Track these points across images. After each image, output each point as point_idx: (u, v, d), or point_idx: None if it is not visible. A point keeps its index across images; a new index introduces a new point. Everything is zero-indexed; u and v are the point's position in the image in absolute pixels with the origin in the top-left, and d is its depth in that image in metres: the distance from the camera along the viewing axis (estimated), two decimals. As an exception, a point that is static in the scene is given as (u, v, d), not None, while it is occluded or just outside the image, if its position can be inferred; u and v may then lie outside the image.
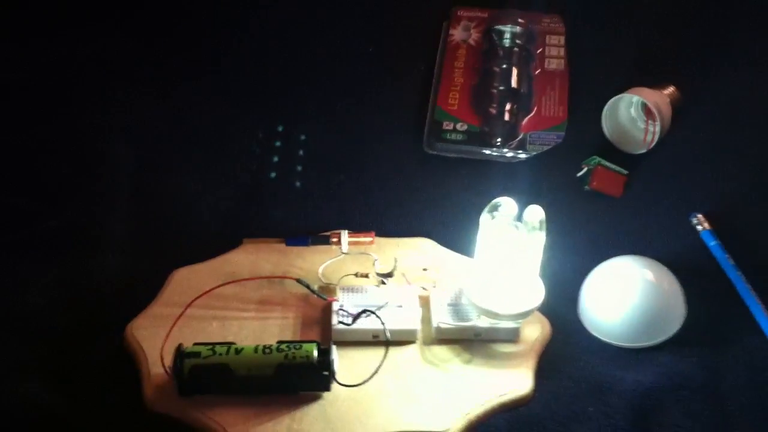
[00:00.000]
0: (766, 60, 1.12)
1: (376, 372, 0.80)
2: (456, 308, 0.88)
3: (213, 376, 0.80)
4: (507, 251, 0.85)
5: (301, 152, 1.08)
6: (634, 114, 1.10)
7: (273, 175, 0.99)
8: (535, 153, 1.07)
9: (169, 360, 0.81)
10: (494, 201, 0.85)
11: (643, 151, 1.07)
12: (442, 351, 0.86)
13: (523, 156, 1.08)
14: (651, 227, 0.99)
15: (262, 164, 1.06)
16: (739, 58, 1.14)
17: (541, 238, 0.84)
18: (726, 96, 1.10)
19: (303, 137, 1.09)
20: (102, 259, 0.93)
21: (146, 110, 1.10)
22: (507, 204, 0.84)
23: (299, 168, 1.06)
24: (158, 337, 0.85)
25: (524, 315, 0.86)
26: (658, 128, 1.05)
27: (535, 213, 0.83)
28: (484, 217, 0.85)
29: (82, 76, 1.13)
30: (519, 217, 0.85)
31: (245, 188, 1.04)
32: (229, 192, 1.03)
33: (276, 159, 1.07)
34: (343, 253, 0.93)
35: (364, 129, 1.11)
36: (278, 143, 1.09)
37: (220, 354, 0.80)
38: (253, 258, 0.95)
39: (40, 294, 0.88)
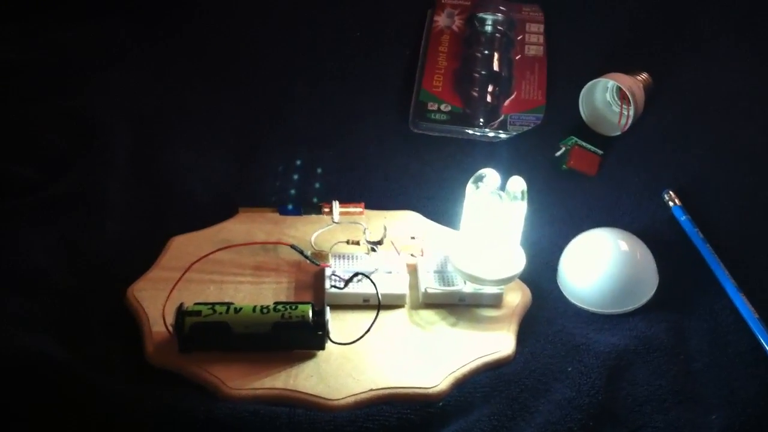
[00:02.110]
0: (727, 51, 1.19)
1: (368, 331, 0.85)
2: (442, 275, 0.92)
3: (212, 334, 0.83)
4: (490, 220, 0.89)
5: (292, 133, 1.12)
6: (609, 98, 1.14)
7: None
8: (515, 133, 1.11)
9: (170, 318, 0.84)
10: (479, 172, 0.88)
11: (618, 133, 1.12)
12: (428, 314, 0.90)
13: (503, 136, 1.12)
14: (625, 203, 1.03)
15: (255, 143, 1.09)
16: (705, 48, 1.20)
17: (522, 207, 0.88)
18: (694, 82, 1.15)
19: (294, 119, 1.12)
20: (102, 225, 0.95)
21: (144, 88, 1.13)
22: (491, 175, 0.88)
23: (291, 147, 1.09)
24: (158, 298, 0.88)
25: (507, 281, 0.90)
26: (632, 111, 1.10)
27: (517, 183, 0.87)
28: (470, 188, 0.89)
29: (83, 56, 1.16)
30: (502, 188, 0.89)
31: (241, 163, 1.06)
32: (224, 167, 1.06)
33: (268, 139, 1.10)
34: (334, 222, 0.96)
35: (352, 109, 1.14)
36: (270, 125, 1.12)
37: (220, 313, 0.83)
38: (247, 227, 0.98)
39: (44, 256, 0.90)
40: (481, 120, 1.12)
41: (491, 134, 1.12)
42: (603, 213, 1.02)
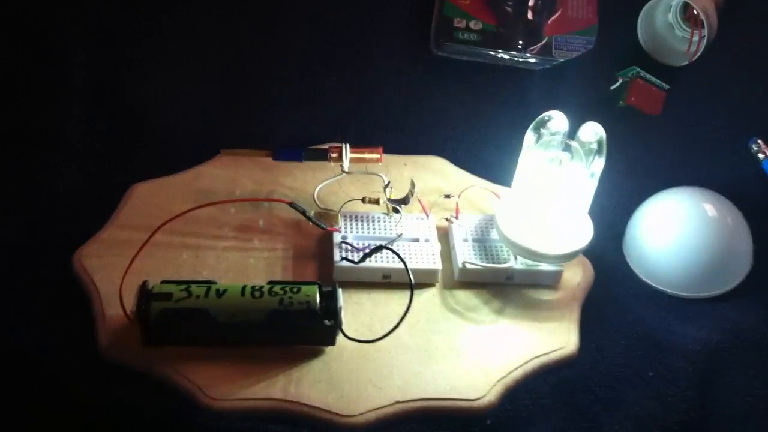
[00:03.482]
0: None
1: (397, 325, 0.66)
2: (483, 245, 0.76)
3: (188, 324, 0.67)
4: (553, 180, 0.72)
5: (288, 57, 0.93)
6: (671, 19, 0.98)
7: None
8: (561, 60, 0.95)
9: (130, 300, 0.66)
10: (542, 115, 0.72)
11: (685, 63, 0.95)
12: (467, 297, 0.74)
13: (532, 61, 0.95)
14: (700, 153, 0.90)
15: (245, 67, 0.91)
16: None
17: (599, 164, 0.71)
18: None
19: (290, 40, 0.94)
20: (53, 170, 0.81)
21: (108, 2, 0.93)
22: (557, 119, 0.71)
23: (287, 74, 0.91)
24: (114, 268, 0.71)
25: (570, 257, 0.73)
26: (704, 35, 0.92)
27: (593, 131, 0.71)
28: (529, 137, 0.72)
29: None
30: (571, 136, 0.72)
31: (223, 91, 0.90)
32: (204, 94, 0.89)
33: (259, 65, 0.92)
34: (344, 172, 0.78)
35: (362, 27, 0.95)
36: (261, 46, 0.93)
37: (197, 296, 0.66)
38: (231, 173, 0.82)
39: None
40: (520, 42, 0.95)
41: (532, 60, 0.95)
42: (674, 166, 0.89)
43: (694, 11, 0.92)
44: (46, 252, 0.74)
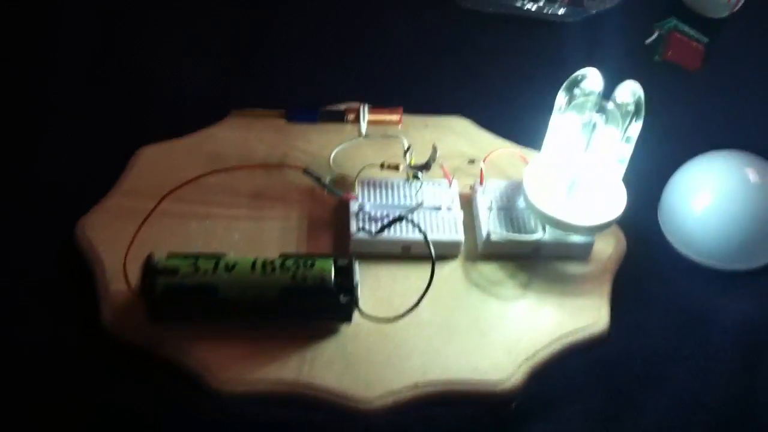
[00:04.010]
0: None
1: (418, 303, 0.62)
2: (509, 214, 0.71)
3: (195, 301, 0.63)
4: (587, 144, 0.67)
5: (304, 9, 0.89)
6: None
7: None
8: (593, 11, 0.92)
9: (134, 274, 0.62)
10: (575, 74, 0.66)
11: (726, 14, 0.91)
12: (491, 270, 0.69)
13: (564, 13, 0.92)
14: (742, 113, 0.85)
15: (256, 22, 0.86)
16: None
17: (636, 128, 0.65)
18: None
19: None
20: (54, 132, 0.76)
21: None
22: (591, 78, 0.66)
23: (303, 29, 0.87)
24: (119, 239, 0.68)
25: (603, 227, 0.68)
26: None
27: (630, 91, 0.65)
28: (561, 97, 0.67)
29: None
30: (607, 95, 0.67)
31: (234, 48, 0.85)
32: (213, 51, 0.84)
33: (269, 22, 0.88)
34: (362, 135, 0.73)
35: None
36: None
37: (205, 271, 0.62)
38: (242, 136, 0.77)
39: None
40: (550, -9, 0.92)
41: (562, 11, 0.92)
42: (711, 127, 0.83)
43: (737, -42, 0.87)
44: (47, 221, 0.69)
